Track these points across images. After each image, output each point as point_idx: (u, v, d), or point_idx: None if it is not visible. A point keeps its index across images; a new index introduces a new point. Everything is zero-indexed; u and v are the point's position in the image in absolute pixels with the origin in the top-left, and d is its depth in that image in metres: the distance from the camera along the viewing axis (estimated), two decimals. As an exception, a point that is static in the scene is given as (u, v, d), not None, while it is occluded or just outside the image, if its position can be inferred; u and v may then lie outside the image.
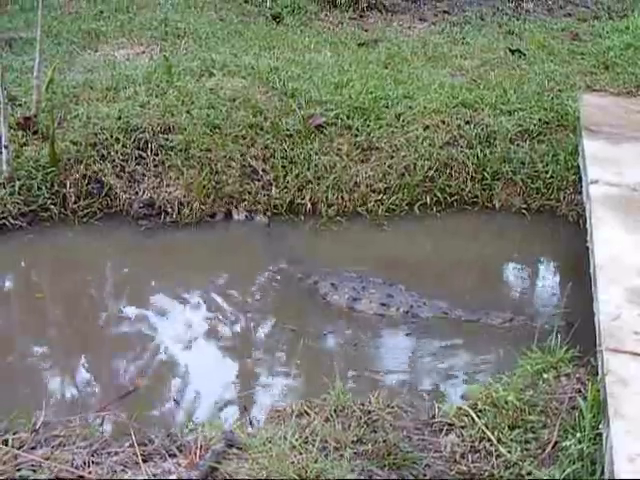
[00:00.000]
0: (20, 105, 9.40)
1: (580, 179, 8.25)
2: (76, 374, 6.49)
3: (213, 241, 8.54)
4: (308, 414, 5.23)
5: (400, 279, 7.58)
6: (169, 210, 8.64)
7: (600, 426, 4.54)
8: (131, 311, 7.37)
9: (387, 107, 9.66)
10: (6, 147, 8.47)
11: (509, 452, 4.70)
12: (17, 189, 8.45)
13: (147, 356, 6.66)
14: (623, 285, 5.46)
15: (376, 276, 7.64)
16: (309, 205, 8.86)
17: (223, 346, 6.88)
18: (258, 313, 7.42)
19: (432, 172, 9.03)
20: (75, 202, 8.62)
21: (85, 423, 5.20)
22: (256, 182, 8.95)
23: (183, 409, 5.72)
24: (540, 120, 9.51)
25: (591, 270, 5.97)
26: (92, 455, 4.73)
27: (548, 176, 8.99)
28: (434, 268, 8.23)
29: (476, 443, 4.84)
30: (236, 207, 8.83)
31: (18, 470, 4.57)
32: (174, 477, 4.54)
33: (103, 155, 8.87)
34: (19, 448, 4.78)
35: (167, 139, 9.05)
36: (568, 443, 4.61)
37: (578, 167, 8.54)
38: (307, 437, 4.88)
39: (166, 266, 8.21)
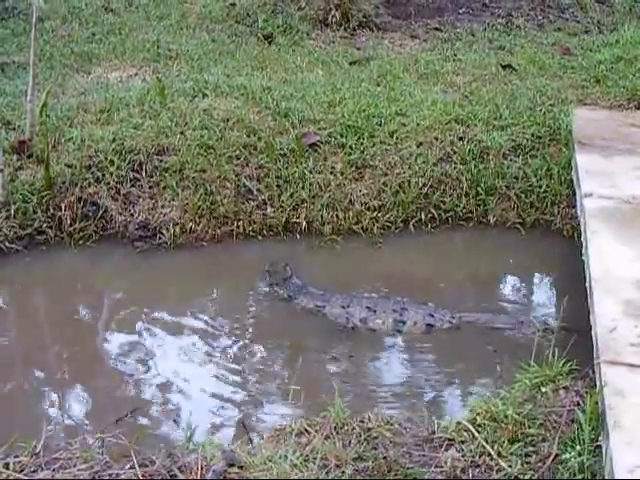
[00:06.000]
0: (14, 129, 9.42)
1: (574, 193, 8.28)
2: (75, 397, 6.50)
3: (210, 262, 8.54)
4: (308, 432, 5.24)
5: (399, 296, 7.60)
6: (164, 232, 8.64)
7: (599, 438, 4.57)
8: (129, 333, 7.38)
9: (380, 125, 9.68)
10: (1, 171, 8.49)
11: (509, 466, 4.71)
12: (13, 213, 8.47)
13: (146, 377, 6.67)
14: (619, 297, 5.50)
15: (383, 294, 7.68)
16: (304, 224, 8.87)
17: (222, 366, 6.87)
18: (257, 333, 7.45)
19: (426, 189, 9.04)
20: (71, 225, 8.63)
21: (86, 445, 5.19)
22: (251, 202, 8.95)
23: (183, 429, 5.71)
24: (533, 135, 9.53)
25: (587, 283, 6.00)
26: (93, 477, 4.75)
27: (542, 190, 9.01)
28: (432, 284, 8.23)
29: (476, 458, 4.86)
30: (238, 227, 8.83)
31: (20, 494, 4.58)
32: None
33: (98, 177, 8.89)
34: (20, 472, 4.79)
35: (161, 160, 9.08)
36: (568, 456, 4.63)
37: (571, 181, 8.58)
38: (308, 455, 4.90)
39: (163, 288, 8.23)
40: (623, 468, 3.96)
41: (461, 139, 9.47)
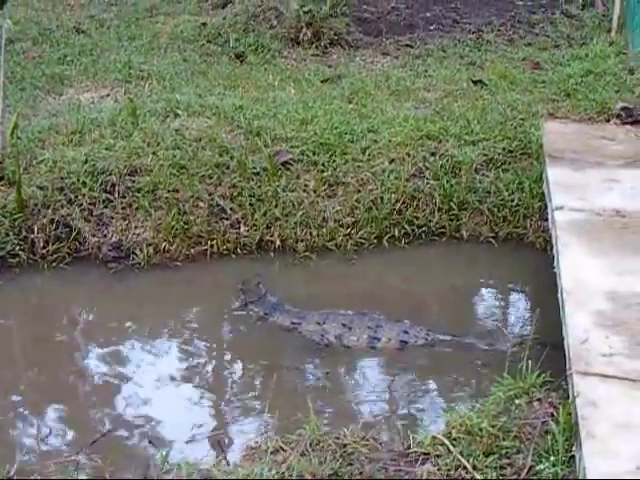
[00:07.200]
0: (-15, 152, 9.39)
1: (545, 206, 8.32)
2: (49, 419, 6.46)
3: (184, 282, 8.52)
4: (284, 450, 5.23)
5: (374, 312, 7.60)
6: (138, 252, 8.62)
7: (573, 448, 4.58)
8: (103, 355, 7.35)
9: (352, 142, 9.70)
10: (-28, 195, 8.48)
11: (485, 479, 4.72)
12: (-16, 236, 8.45)
13: (120, 399, 6.64)
14: (590, 309, 5.52)
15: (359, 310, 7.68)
16: (278, 242, 8.88)
17: (196, 385, 6.87)
18: (232, 351, 7.46)
19: (399, 205, 9.07)
20: (44, 247, 8.60)
21: (60, 468, 5.18)
22: (224, 221, 8.95)
23: (158, 450, 5.69)
24: (504, 149, 9.59)
25: (559, 295, 6.02)
26: (68, 500, 4.72)
27: (514, 204, 9.06)
28: (407, 300, 8.24)
29: (452, 471, 4.86)
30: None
31: (-7, 518, 4.56)
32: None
33: (70, 199, 8.87)
34: (-6, 496, 4.76)
35: (134, 181, 9.07)
36: (542, 467, 4.65)
37: (543, 194, 8.62)
38: (284, 473, 4.90)
39: (138, 308, 8.21)
40: (596, 476, 3.98)
41: (433, 155, 9.51)
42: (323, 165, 9.38)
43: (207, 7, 15.77)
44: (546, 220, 8.30)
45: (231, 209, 9.01)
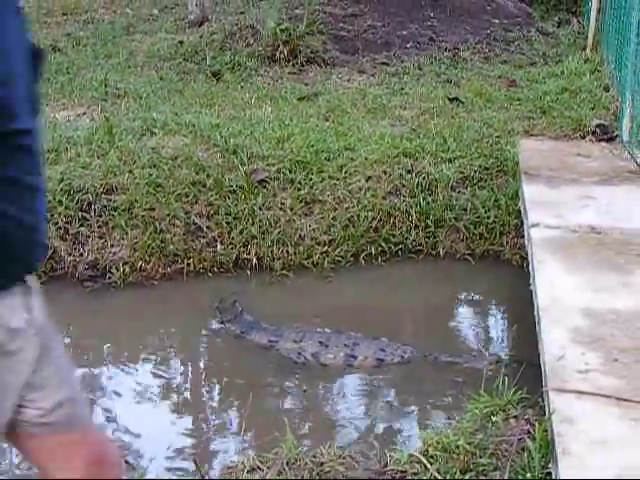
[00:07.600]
0: (-40, 172, 9.33)
1: (522, 223, 8.35)
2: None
3: (161, 300, 8.48)
4: (261, 469, 5.21)
5: (351, 330, 7.60)
6: (114, 271, 8.59)
7: (549, 465, 4.58)
8: (79, 374, 7.31)
9: (329, 160, 9.69)
10: (-53, 214, 8.41)
11: (461, 497, 4.72)
12: (-41, 257, 8.37)
13: (95, 418, 6.57)
14: (566, 325, 5.53)
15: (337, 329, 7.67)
16: (255, 260, 8.85)
17: (173, 404, 6.84)
18: (209, 370, 7.44)
19: (376, 222, 9.07)
20: (19, 266, 8.54)
21: (35, 489, 5.13)
22: (201, 239, 8.93)
23: (135, 470, 5.66)
24: (480, 166, 9.59)
25: (535, 312, 6.04)
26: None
27: (490, 221, 9.07)
28: (384, 318, 8.22)
29: (428, 489, 4.86)
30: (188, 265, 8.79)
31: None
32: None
33: (46, 218, 8.80)
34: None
35: (110, 200, 9.03)
36: (519, 484, 4.65)
37: (519, 211, 8.65)
38: (260, 492, 4.88)
39: (113, 328, 8.16)
40: (572, 494, 4.00)
41: (409, 172, 9.51)
42: (300, 183, 9.37)
43: (184, 25, 15.79)
44: (522, 237, 8.32)
45: (208, 227, 9.00)
